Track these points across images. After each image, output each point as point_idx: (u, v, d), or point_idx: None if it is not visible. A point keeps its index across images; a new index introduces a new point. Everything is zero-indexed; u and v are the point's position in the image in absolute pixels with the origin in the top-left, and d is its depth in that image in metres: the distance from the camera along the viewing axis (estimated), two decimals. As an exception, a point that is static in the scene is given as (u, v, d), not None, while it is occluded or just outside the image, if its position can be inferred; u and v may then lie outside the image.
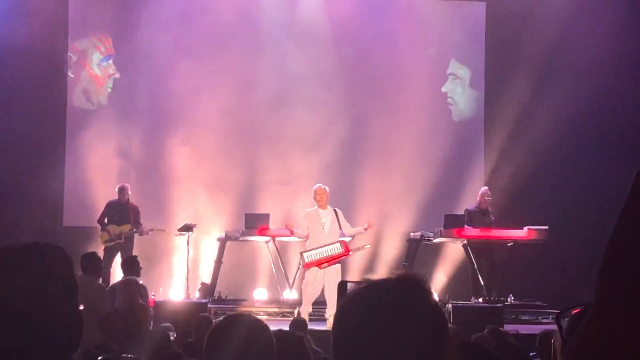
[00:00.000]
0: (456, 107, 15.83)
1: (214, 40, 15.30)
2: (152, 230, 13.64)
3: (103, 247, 13.19)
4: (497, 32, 15.53)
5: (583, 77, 14.69)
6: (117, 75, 15.30)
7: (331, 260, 11.66)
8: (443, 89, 15.79)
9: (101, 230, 13.48)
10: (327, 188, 12.03)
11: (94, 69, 15.28)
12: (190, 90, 15.11)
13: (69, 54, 15.20)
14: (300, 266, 12.22)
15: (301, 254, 11.80)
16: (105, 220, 13.50)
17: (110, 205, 13.63)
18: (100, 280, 10.20)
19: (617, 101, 14.76)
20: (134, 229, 13.47)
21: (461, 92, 15.83)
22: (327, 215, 11.95)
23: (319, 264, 11.64)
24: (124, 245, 13.30)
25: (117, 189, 13.65)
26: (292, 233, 12.36)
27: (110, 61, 15.35)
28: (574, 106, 14.81)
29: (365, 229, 12.08)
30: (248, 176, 15.06)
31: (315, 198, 12.01)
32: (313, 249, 11.72)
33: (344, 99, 15.44)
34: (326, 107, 15.33)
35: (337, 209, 12.07)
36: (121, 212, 13.50)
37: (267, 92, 15.32)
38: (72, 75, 15.26)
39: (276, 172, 15.05)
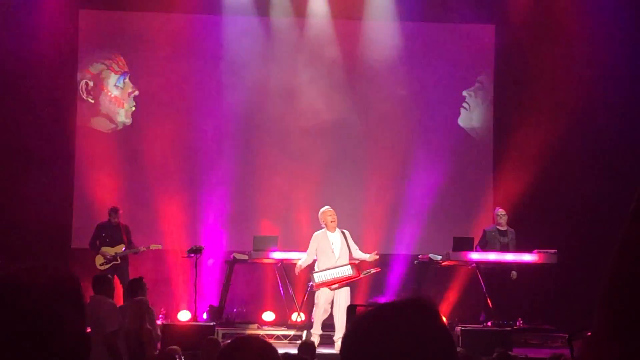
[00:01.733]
0: (468, 113, 15.74)
1: (224, 50, 15.36)
2: (148, 247, 13.43)
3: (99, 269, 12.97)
4: (506, 53, 15.55)
5: (594, 102, 14.71)
6: (137, 92, 15.34)
7: (342, 281, 11.65)
8: (464, 93, 15.74)
9: (95, 253, 13.29)
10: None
11: (111, 91, 15.33)
12: (201, 104, 15.18)
13: (85, 80, 15.24)
14: (309, 287, 12.20)
15: (312, 274, 11.78)
16: (97, 242, 13.33)
17: (100, 228, 13.44)
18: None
19: (627, 119, 14.71)
20: (129, 249, 13.33)
21: (480, 103, 15.74)
22: (336, 237, 11.90)
23: (330, 284, 11.62)
24: (119, 266, 13.17)
25: (109, 211, 13.46)
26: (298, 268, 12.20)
27: (127, 79, 15.39)
28: (582, 129, 14.83)
29: (369, 259, 12.00)
30: (258, 197, 15.06)
31: (324, 220, 11.95)
32: (324, 270, 11.70)
33: (350, 118, 15.42)
34: (331, 125, 15.29)
35: (344, 231, 12.03)
36: (113, 233, 13.34)
37: (276, 108, 15.28)
38: (92, 101, 15.28)
39: (283, 193, 15.02)
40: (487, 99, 15.71)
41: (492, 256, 13.26)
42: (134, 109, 15.32)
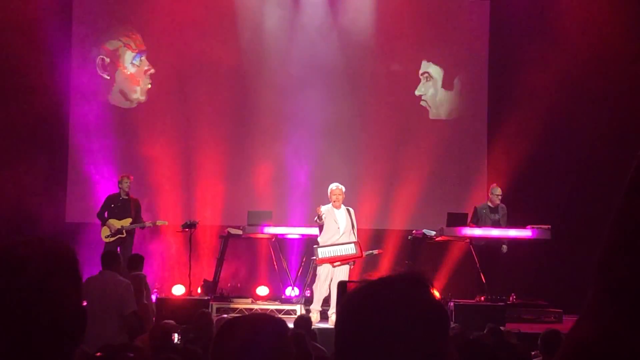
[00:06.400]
0: (431, 106, 15.83)
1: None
2: (154, 223, 13.32)
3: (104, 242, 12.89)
4: (501, 28, 15.53)
5: (588, 81, 14.68)
6: (153, 70, 15.31)
7: (344, 260, 11.73)
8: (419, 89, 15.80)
9: (102, 225, 13.09)
10: (343, 188, 12.07)
11: (127, 68, 15.30)
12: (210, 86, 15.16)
13: (101, 56, 15.19)
14: (312, 262, 12.30)
15: (315, 248, 11.85)
16: (106, 214, 13.11)
17: (110, 199, 13.22)
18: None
19: (622, 94, 14.66)
20: (136, 223, 13.17)
21: (434, 93, 15.83)
22: (341, 215, 11.98)
23: (332, 261, 11.70)
24: (125, 239, 12.95)
25: (119, 180, 13.28)
26: (320, 218, 12.08)
27: (144, 57, 15.35)
28: (578, 103, 14.81)
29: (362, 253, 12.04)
30: (252, 173, 15.07)
31: (330, 197, 12.04)
32: (328, 245, 11.77)
33: (343, 97, 15.42)
34: (324, 107, 15.30)
35: (350, 208, 12.10)
36: (122, 205, 13.11)
37: (271, 92, 15.31)
38: (108, 77, 15.25)
39: (278, 170, 15.03)
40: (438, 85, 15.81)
41: (486, 232, 13.27)
42: (149, 86, 15.30)
